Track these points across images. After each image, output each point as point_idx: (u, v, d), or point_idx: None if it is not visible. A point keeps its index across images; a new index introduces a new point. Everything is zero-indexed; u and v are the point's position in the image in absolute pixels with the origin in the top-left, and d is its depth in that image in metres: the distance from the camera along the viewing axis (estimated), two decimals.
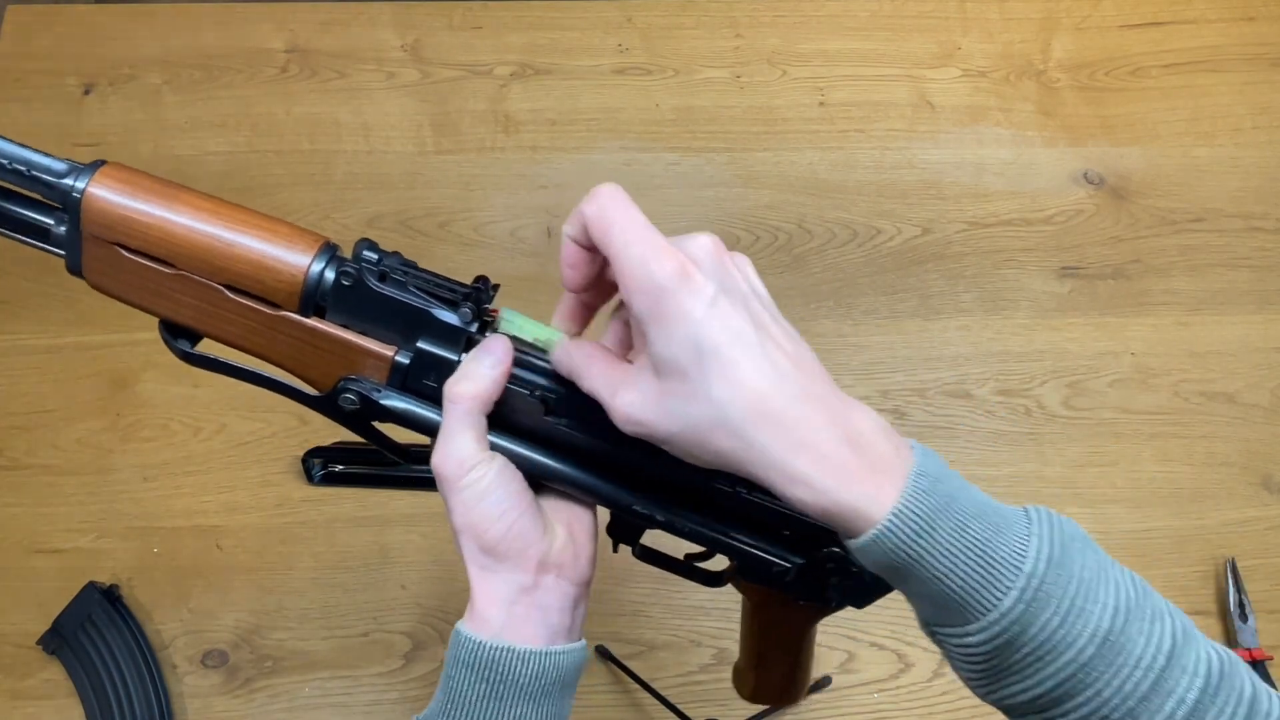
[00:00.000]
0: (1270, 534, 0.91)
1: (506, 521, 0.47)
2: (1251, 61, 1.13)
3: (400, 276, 0.49)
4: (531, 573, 0.47)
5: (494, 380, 0.47)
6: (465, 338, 0.49)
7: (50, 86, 1.08)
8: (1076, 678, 0.40)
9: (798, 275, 1.01)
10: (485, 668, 0.46)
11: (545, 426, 0.49)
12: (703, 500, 0.49)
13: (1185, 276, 1.02)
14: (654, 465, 0.48)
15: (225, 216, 0.47)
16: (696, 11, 1.14)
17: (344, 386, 0.49)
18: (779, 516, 0.49)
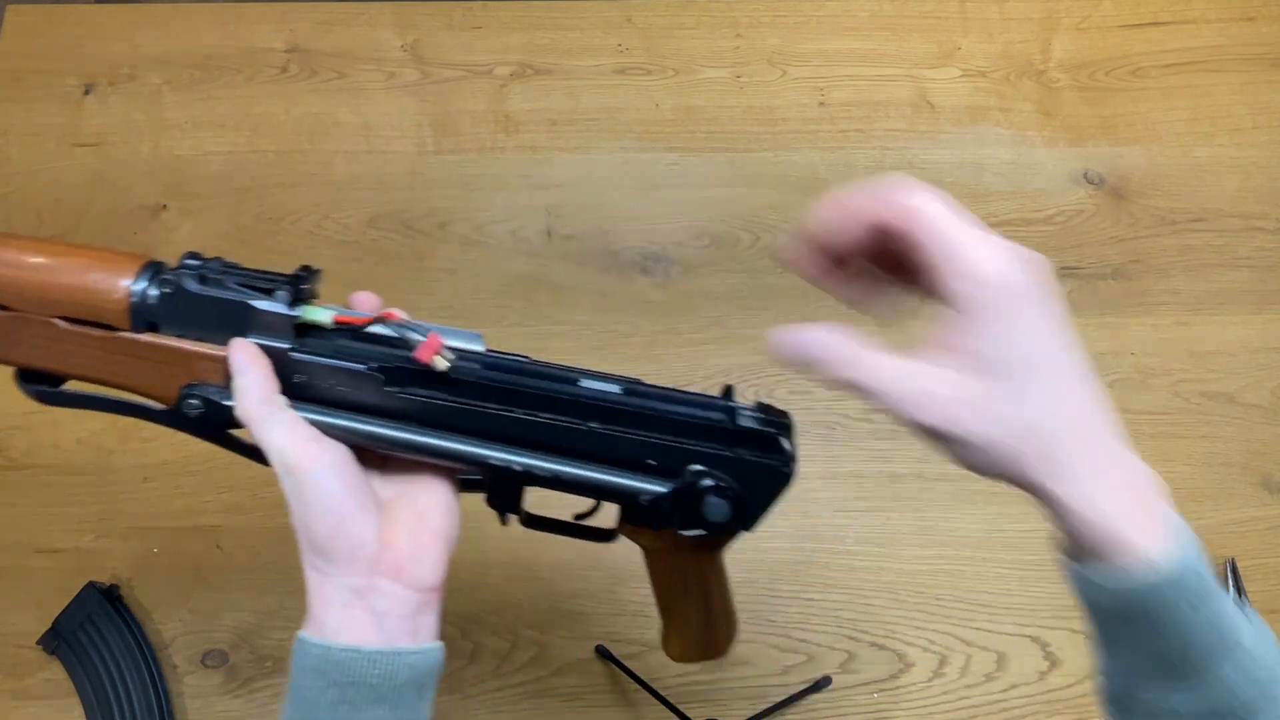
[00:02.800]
0: (1270, 534, 0.91)
1: (333, 520, 0.46)
2: (1251, 61, 1.13)
3: (218, 276, 0.50)
4: (363, 575, 0.46)
5: (258, 380, 0.47)
6: (293, 324, 0.50)
7: (50, 86, 1.08)
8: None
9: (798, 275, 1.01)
10: (333, 671, 0.45)
11: (386, 398, 0.49)
12: (559, 445, 0.49)
13: (1185, 276, 1.02)
14: (504, 417, 0.48)
15: (49, 252, 0.49)
16: (696, 11, 1.14)
17: (186, 394, 0.50)
18: (639, 446, 0.49)
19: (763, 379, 0.96)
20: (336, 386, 0.49)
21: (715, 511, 0.50)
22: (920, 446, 0.96)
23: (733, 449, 0.50)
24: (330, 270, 1.02)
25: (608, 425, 0.49)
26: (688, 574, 0.58)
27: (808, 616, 0.87)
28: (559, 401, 0.49)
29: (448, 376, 0.47)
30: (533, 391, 0.49)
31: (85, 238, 1.00)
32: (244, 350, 0.49)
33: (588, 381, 0.50)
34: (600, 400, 0.49)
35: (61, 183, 1.03)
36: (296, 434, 0.47)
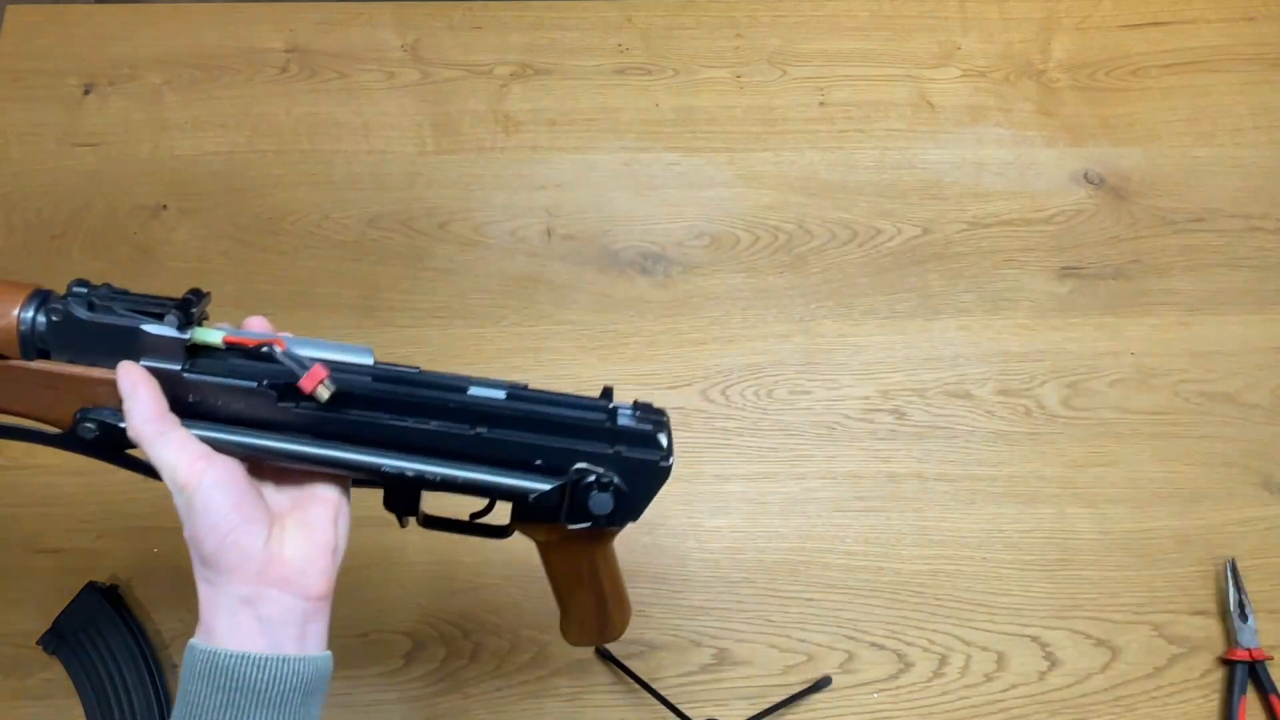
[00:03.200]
0: (1270, 534, 0.91)
1: (219, 534, 0.48)
2: (1251, 61, 1.13)
3: (106, 302, 0.51)
4: (251, 584, 0.48)
5: (145, 401, 0.49)
6: (184, 346, 0.51)
7: (50, 86, 1.08)
8: None
9: (798, 275, 1.01)
10: (220, 676, 0.47)
11: (280, 413, 0.51)
12: (450, 450, 0.52)
13: (1185, 276, 1.02)
14: (395, 426, 0.51)
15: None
16: (696, 11, 1.14)
17: (81, 418, 0.52)
18: (526, 447, 0.52)
19: (762, 379, 0.96)
20: (231, 404, 0.51)
21: (600, 505, 0.53)
22: (919, 447, 0.97)
23: (613, 446, 0.53)
24: (330, 270, 1.03)
25: (495, 429, 0.52)
26: (580, 564, 0.60)
27: (808, 616, 0.87)
28: (447, 409, 0.52)
29: (336, 397, 0.50)
30: (422, 401, 0.52)
31: (85, 237, 1.01)
32: (131, 372, 0.50)
33: (475, 389, 0.53)
34: (487, 406, 0.52)
35: (61, 183, 1.03)
36: (186, 451, 0.49)
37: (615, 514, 0.54)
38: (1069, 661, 0.86)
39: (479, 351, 0.97)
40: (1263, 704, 0.85)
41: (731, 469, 0.92)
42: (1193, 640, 0.87)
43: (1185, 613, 0.88)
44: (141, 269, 0.99)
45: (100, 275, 0.99)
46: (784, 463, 0.92)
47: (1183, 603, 0.88)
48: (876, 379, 0.96)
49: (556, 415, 0.54)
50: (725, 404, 0.95)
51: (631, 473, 0.53)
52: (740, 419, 0.94)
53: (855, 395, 0.96)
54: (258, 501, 0.50)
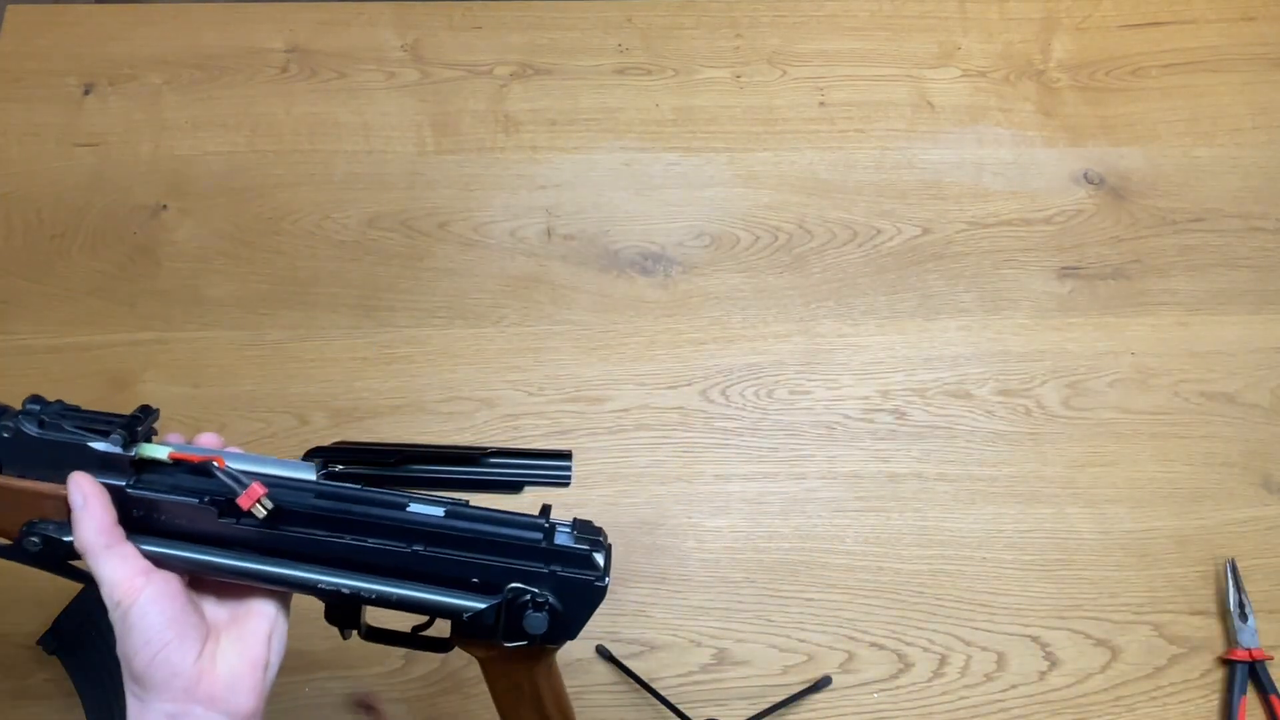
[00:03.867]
0: (1270, 534, 0.91)
1: (150, 651, 0.48)
2: (1251, 61, 1.13)
3: (56, 420, 0.53)
4: (178, 701, 0.48)
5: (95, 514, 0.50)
6: (129, 461, 0.53)
7: (50, 86, 1.08)
8: None
9: (798, 275, 1.01)
10: None
11: (222, 528, 0.52)
12: (387, 567, 0.53)
13: (1185, 276, 1.02)
14: (333, 543, 0.52)
15: None
16: (696, 11, 1.14)
17: (26, 531, 0.53)
18: (462, 565, 0.53)
19: (762, 379, 0.96)
20: (175, 519, 0.52)
21: (535, 624, 0.53)
22: (919, 447, 0.97)
23: (548, 566, 0.53)
24: (330, 270, 1.03)
25: (431, 548, 0.53)
26: (521, 682, 0.60)
27: (808, 616, 0.87)
28: (385, 527, 0.53)
29: (274, 514, 0.51)
30: (360, 519, 0.53)
31: (85, 238, 1.01)
32: (82, 485, 0.51)
33: (415, 505, 0.53)
34: (424, 524, 0.53)
35: (61, 183, 1.03)
36: (126, 566, 0.49)
37: (550, 633, 0.54)
38: (1069, 661, 0.86)
39: (479, 351, 0.97)
40: (1263, 704, 0.85)
41: (731, 469, 0.92)
42: (1193, 640, 0.87)
43: (1185, 613, 0.88)
44: (141, 269, 0.99)
45: (100, 275, 0.99)
46: (784, 463, 0.92)
47: (1183, 603, 0.88)
48: (876, 379, 0.96)
49: (492, 534, 0.53)
50: (725, 404, 0.95)
51: (567, 592, 0.54)
52: (740, 419, 0.94)
53: (855, 395, 0.96)
54: (193, 618, 0.50)
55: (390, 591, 0.53)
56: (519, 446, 0.65)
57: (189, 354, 0.96)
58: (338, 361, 0.96)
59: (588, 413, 0.94)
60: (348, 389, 0.95)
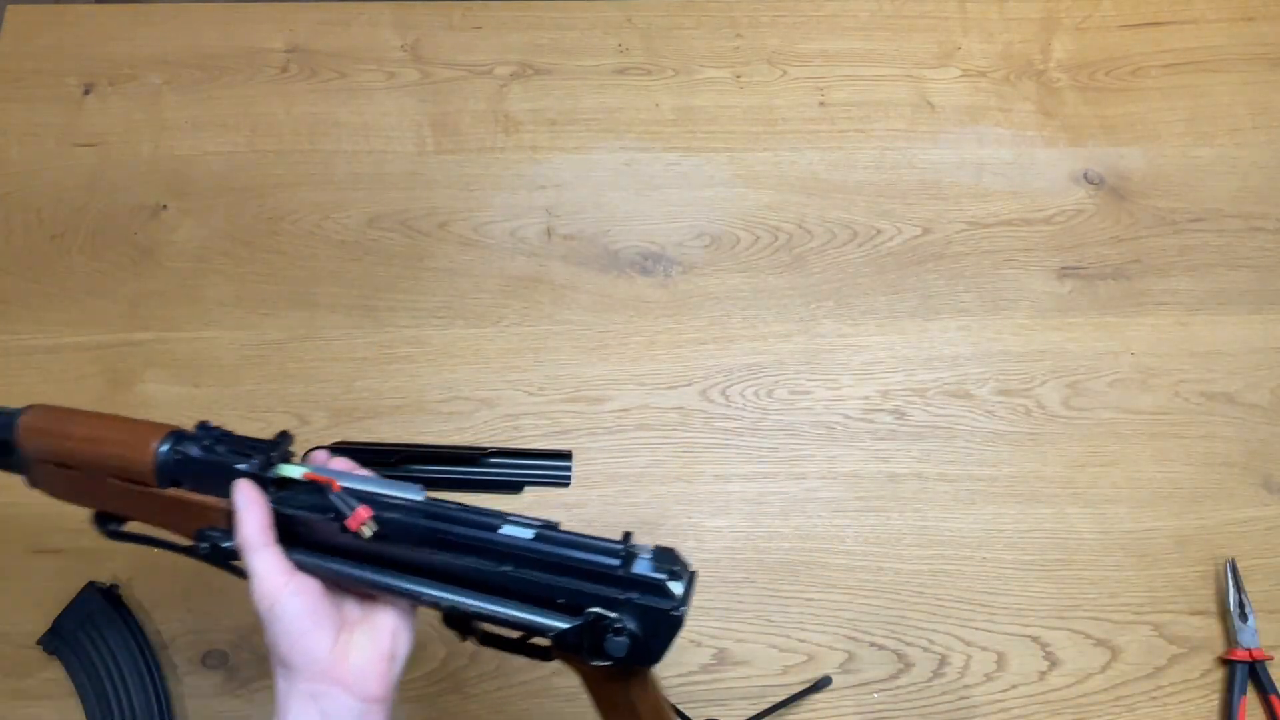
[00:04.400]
0: (1270, 534, 0.91)
1: (291, 639, 0.55)
2: (1251, 61, 1.13)
3: (212, 443, 0.61)
4: (316, 682, 0.55)
5: (253, 521, 0.57)
6: (268, 481, 0.59)
7: (50, 86, 1.08)
8: None
9: (798, 275, 1.01)
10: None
11: (344, 541, 0.58)
12: (480, 583, 0.57)
13: (1185, 276, 1.02)
14: (434, 560, 0.57)
15: (101, 425, 0.63)
16: (696, 11, 1.14)
17: (199, 536, 0.61)
18: (547, 587, 0.56)
19: (762, 379, 0.96)
20: (309, 530, 0.58)
21: (615, 648, 0.56)
22: (919, 447, 0.96)
23: (625, 593, 0.56)
24: (330, 270, 1.03)
25: (519, 568, 0.57)
26: (618, 699, 0.62)
27: (808, 616, 0.87)
28: (478, 547, 0.57)
29: (381, 533, 0.57)
30: (456, 539, 0.57)
31: (85, 237, 1.01)
32: (245, 491, 0.58)
33: (508, 527, 0.57)
34: (513, 545, 0.57)
35: (61, 183, 1.03)
36: (273, 565, 0.56)
37: (632, 656, 0.56)
38: (1069, 661, 0.86)
39: (479, 351, 0.97)
40: (1263, 704, 0.85)
41: (731, 469, 0.92)
42: (1193, 640, 0.87)
43: (1185, 613, 0.88)
44: (141, 269, 1.00)
45: (100, 275, 0.99)
46: (784, 463, 0.92)
47: (1183, 603, 0.88)
48: (876, 379, 0.96)
49: (573, 558, 0.56)
50: (725, 404, 0.95)
51: (645, 619, 0.56)
52: (740, 419, 0.94)
53: (855, 395, 0.96)
54: (328, 612, 0.56)
55: (483, 607, 0.57)
56: (519, 447, 0.65)
57: (189, 354, 0.96)
58: (338, 361, 0.96)
59: (588, 413, 0.94)
60: (348, 389, 0.95)
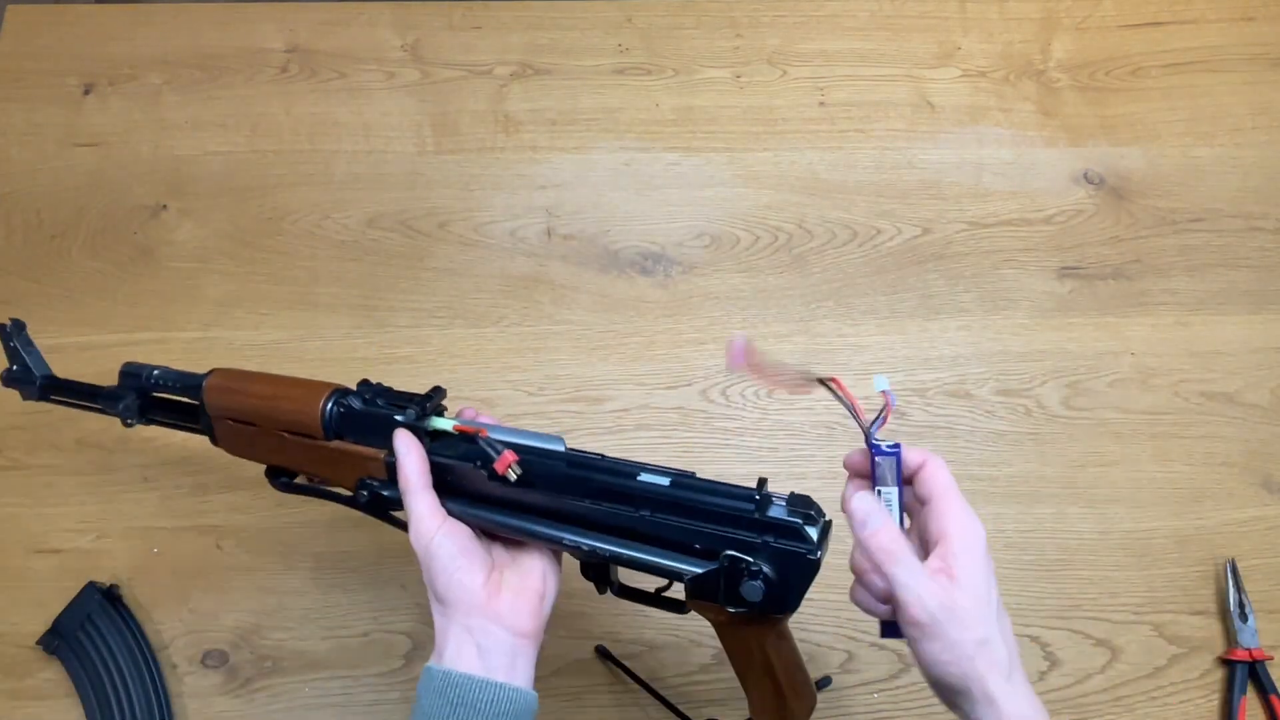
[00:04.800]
0: (1270, 534, 0.91)
1: (447, 575, 0.59)
2: (1251, 61, 1.13)
3: (373, 398, 0.66)
4: (472, 616, 0.59)
5: (413, 465, 0.62)
6: (423, 431, 0.64)
7: (50, 86, 1.08)
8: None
9: (798, 275, 1.01)
10: (450, 690, 0.57)
11: (490, 489, 0.62)
12: (619, 529, 0.60)
13: (1185, 276, 1.02)
14: (575, 506, 0.61)
15: (276, 384, 0.70)
16: (696, 11, 1.14)
17: (359, 485, 0.67)
18: (684, 532, 0.59)
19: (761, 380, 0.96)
20: (459, 479, 0.63)
21: (751, 592, 0.57)
22: (919, 447, 0.96)
23: (761, 536, 0.57)
24: (330, 270, 1.03)
25: (657, 514, 0.59)
26: (751, 647, 0.63)
27: (808, 616, 0.87)
28: (618, 493, 0.60)
29: (525, 478, 0.60)
30: (597, 485, 0.60)
31: (85, 237, 1.01)
32: (404, 438, 0.63)
33: (645, 475, 0.60)
34: (651, 492, 0.59)
35: (61, 183, 1.03)
36: (430, 506, 0.61)
37: (768, 601, 0.57)
38: (1069, 661, 0.86)
39: (479, 352, 0.97)
40: (1263, 704, 0.85)
41: (731, 469, 0.92)
42: (1193, 640, 0.87)
43: (1185, 613, 0.88)
44: (141, 269, 1.00)
45: (100, 275, 0.99)
46: (784, 463, 0.92)
47: (1183, 603, 0.88)
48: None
49: (710, 503, 0.58)
50: (725, 404, 0.95)
51: (781, 562, 0.57)
52: (740, 419, 0.94)
53: (855, 395, 0.96)
54: (479, 552, 0.61)
55: (621, 551, 0.60)
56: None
57: (189, 354, 0.96)
58: (338, 361, 0.96)
59: (588, 413, 0.94)
60: None
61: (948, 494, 0.56)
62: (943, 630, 0.53)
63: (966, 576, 0.54)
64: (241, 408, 0.70)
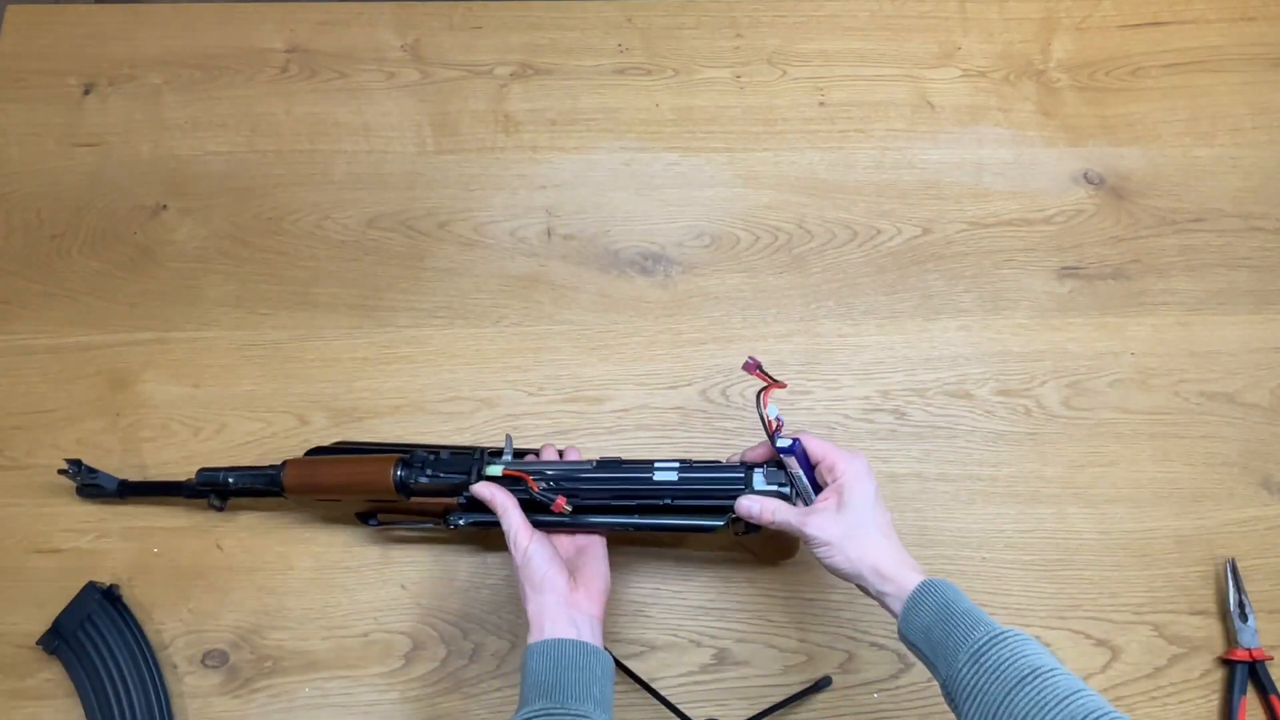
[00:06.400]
0: (1270, 534, 0.91)
1: (540, 574, 0.75)
2: (1251, 61, 1.13)
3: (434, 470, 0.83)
4: (562, 605, 0.74)
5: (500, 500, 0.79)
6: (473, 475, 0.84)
7: (50, 86, 1.08)
8: None
9: (798, 275, 1.01)
10: (554, 650, 0.72)
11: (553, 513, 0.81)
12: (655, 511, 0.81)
13: (1185, 276, 1.02)
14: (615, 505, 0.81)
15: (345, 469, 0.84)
16: (696, 11, 1.14)
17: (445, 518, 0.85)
18: (698, 509, 0.80)
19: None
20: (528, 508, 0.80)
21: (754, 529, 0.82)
22: (919, 447, 0.96)
23: None
24: (330, 270, 1.03)
25: (677, 499, 0.80)
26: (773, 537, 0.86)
27: (808, 616, 0.87)
28: (644, 492, 0.80)
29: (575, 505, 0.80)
30: (627, 490, 0.80)
31: (85, 237, 1.01)
32: (484, 488, 0.80)
33: (658, 475, 0.80)
34: (668, 485, 0.80)
35: (61, 182, 1.03)
36: (520, 524, 0.77)
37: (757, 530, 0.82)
38: (1069, 661, 0.86)
39: (479, 351, 0.97)
40: (1263, 704, 0.85)
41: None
42: (1193, 640, 0.87)
43: (1185, 613, 0.88)
44: (141, 269, 1.00)
45: (100, 275, 0.99)
46: None
47: (1183, 603, 0.88)
48: (876, 379, 0.96)
49: (712, 480, 0.80)
50: (725, 404, 0.95)
51: None
52: (740, 419, 0.94)
53: (855, 395, 0.96)
54: (559, 558, 0.77)
55: (658, 523, 0.82)
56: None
57: (189, 354, 0.96)
58: (338, 361, 0.96)
59: (588, 413, 0.94)
60: (348, 389, 0.95)
61: (826, 451, 0.77)
62: (840, 545, 0.73)
63: (851, 499, 0.74)
64: (323, 488, 0.85)
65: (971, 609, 0.69)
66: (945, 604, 0.69)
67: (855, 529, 0.73)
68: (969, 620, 0.67)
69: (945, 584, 0.70)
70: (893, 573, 0.71)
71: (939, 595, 0.69)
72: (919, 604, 0.70)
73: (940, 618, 0.68)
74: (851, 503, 0.74)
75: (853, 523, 0.73)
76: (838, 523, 0.74)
